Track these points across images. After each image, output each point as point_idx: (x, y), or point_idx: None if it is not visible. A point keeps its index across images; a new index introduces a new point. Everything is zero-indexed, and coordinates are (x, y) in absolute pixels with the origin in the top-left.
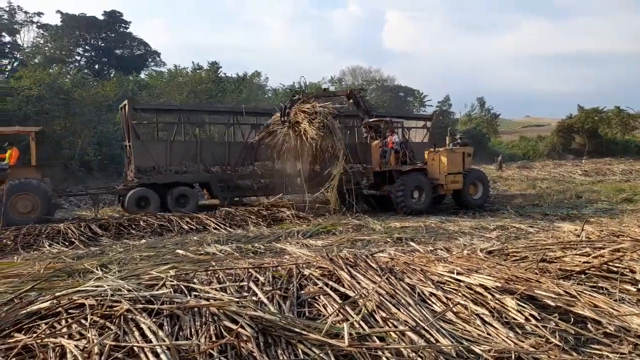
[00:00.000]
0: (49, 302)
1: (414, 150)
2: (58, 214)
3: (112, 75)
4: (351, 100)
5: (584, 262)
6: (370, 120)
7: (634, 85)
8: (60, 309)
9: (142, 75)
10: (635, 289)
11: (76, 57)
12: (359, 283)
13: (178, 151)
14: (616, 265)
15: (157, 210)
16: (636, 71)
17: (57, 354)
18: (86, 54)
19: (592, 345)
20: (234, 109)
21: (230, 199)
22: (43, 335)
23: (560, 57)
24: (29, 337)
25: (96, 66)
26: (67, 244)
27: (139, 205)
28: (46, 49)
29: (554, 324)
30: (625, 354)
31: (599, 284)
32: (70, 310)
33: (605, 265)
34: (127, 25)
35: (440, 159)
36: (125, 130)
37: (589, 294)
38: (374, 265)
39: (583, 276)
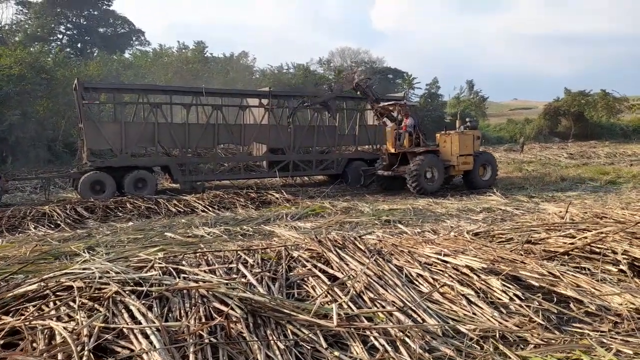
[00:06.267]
0: (36, 284)
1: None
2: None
3: (95, 54)
4: (358, 92)
5: (568, 244)
6: (381, 105)
7: (621, 69)
8: (47, 291)
9: (127, 55)
10: (616, 269)
11: (58, 36)
12: (347, 265)
13: (133, 133)
14: (599, 246)
15: (113, 196)
16: (624, 54)
17: (46, 336)
18: (68, 32)
19: (574, 324)
20: (194, 89)
21: (191, 183)
22: (31, 318)
23: (551, 38)
24: (16, 320)
25: (79, 45)
26: (52, 226)
27: (93, 190)
28: (27, 26)
29: (537, 304)
30: (606, 332)
31: (581, 265)
32: (58, 293)
33: (588, 247)
34: (110, 3)
35: (452, 141)
36: (78, 111)
37: (572, 275)
38: (362, 247)
39: (566, 257)
